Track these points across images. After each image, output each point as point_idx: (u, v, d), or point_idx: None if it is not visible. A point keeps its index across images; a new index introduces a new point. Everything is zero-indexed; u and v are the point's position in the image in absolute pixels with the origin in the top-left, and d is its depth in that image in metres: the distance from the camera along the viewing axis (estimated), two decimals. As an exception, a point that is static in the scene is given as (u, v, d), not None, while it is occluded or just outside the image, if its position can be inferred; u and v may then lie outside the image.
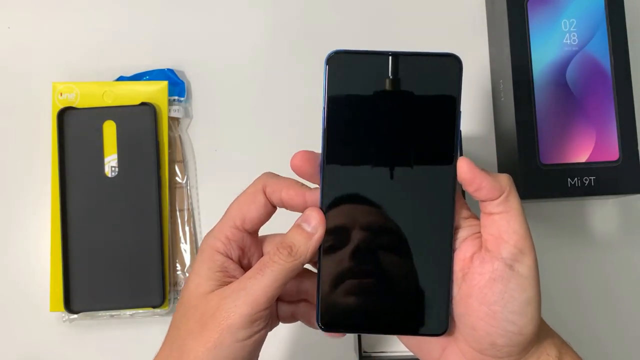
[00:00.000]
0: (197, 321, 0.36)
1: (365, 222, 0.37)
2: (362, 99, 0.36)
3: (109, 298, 0.56)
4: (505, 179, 0.36)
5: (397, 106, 0.36)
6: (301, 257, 0.36)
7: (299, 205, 0.37)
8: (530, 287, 0.35)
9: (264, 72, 0.61)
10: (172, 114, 0.58)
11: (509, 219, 0.35)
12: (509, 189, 0.36)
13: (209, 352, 0.35)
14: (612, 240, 0.59)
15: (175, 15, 0.61)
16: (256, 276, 0.36)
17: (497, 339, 0.35)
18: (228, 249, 0.38)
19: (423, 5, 0.61)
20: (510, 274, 0.35)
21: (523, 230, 0.35)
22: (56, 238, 0.56)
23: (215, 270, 0.37)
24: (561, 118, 0.53)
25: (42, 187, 0.58)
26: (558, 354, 0.38)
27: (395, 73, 0.36)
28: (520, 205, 0.36)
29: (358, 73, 0.36)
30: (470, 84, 0.60)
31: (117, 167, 0.57)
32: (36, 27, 0.61)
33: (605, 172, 0.52)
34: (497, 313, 0.35)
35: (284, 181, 0.38)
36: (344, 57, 0.36)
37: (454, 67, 0.36)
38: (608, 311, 0.58)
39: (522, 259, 0.35)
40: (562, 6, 0.54)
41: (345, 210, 0.37)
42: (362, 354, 0.54)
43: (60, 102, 0.58)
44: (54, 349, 0.57)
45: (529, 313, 0.35)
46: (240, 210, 0.38)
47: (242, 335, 0.35)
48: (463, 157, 0.36)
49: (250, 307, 0.35)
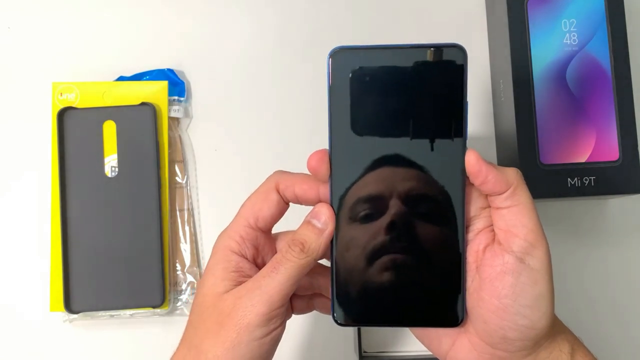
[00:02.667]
0: (214, 321, 0.36)
1: (375, 216, 0.36)
2: (366, 94, 0.36)
3: (109, 298, 0.56)
4: (513, 172, 0.36)
5: (403, 99, 0.36)
6: (313, 254, 0.36)
7: (313, 199, 0.37)
8: (542, 280, 0.35)
9: (264, 72, 0.61)
10: (172, 114, 0.58)
11: (517, 213, 0.35)
12: (517, 183, 0.35)
13: (227, 351, 0.36)
14: (612, 240, 0.59)
15: (176, 15, 0.61)
16: (270, 274, 0.36)
17: (509, 332, 0.35)
18: (242, 248, 0.38)
19: (423, 5, 0.61)
20: (521, 267, 0.35)
21: (532, 224, 0.35)
22: (56, 238, 0.56)
23: (231, 270, 0.37)
24: (561, 118, 0.53)
25: (42, 187, 0.58)
26: (570, 350, 0.37)
27: (399, 66, 0.35)
28: (529, 199, 0.35)
29: (361, 68, 0.35)
30: (470, 84, 0.60)
31: (117, 167, 0.57)
32: (36, 27, 0.61)
33: (605, 172, 0.52)
34: (508, 306, 0.35)
35: (297, 176, 0.38)
36: (347, 52, 0.36)
37: (459, 58, 0.35)
38: (608, 311, 0.58)
39: (533, 252, 0.35)
40: (562, 6, 0.54)
41: (355, 203, 0.36)
42: (362, 354, 0.54)
43: (60, 102, 0.58)
44: (54, 349, 0.57)
45: (542, 307, 0.35)
46: (253, 209, 0.38)
47: (260, 334, 0.36)
48: (471, 149, 0.36)
49: (266, 305, 0.36)
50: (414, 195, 0.36)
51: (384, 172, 0.36)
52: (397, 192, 0.36)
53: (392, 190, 0.36)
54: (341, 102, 0.36)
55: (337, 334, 0.57)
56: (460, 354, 0.38)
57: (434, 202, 0.36)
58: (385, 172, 0.36)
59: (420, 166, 0.36)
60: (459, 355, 0.38)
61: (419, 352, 0.54)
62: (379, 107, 0.36)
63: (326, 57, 0.36)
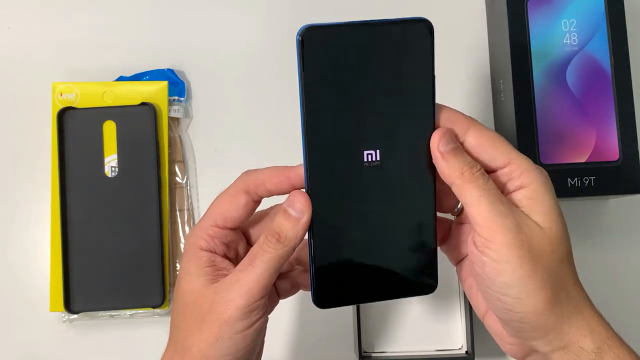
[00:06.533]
0: (195, 318, 0.37)
1: (350, 196, 0.37)
2: (338, 72, 0.35)
3: (109, 298, 0.56)
4: (457, 166, 0.35)
5: (373, 76, 0.35)
6: (290, 243, 0.36)
7: (287, 190, 0.38)
8: (506, 271, 0.35)
9: (264, 72, 0.61)
10: (172, 114, 0.59)
11: (468, 207, 0.35)
12: (461, 180, 0.35)
13: (211, 346, 0.36)
14: (612, 240, 0.59)
15: (176, 15, 0.61)
16: (248, 268, 0.36)
17: (499, 314, 0.37)
18: (211, 245, 0.38)
19: (423, 5, 0.61)
20: (483, 260, 0.35)
21: (482, 219, 0.35)
22: (56, 238, 0.56)
23: (204, 266, 0.38)
24: (561, 118, 0.53)
25: (42, 187, 0.58)
26: (597, 350, 0.36)
27: (367, 42, 0.35)
28: (479, 192, 0.35)
29: (332, 46, 0.35)
30: (471, 83, 0.61)
31: (117, 167, 0.57)
32: (36, 27, 0.61)
33: (605, 172, 0.52)
34: (485, 293, 0.37)
35: (266, 172, 0.38)
36: (317, 31, 0.35)
37: (425, 31, 0.35)
38: (608, 311, 0.57)
39: (490, 245, 0.35)
40: (562, 6, 0.54)
41: (330, 187, 0.37)
42: (362, 354, 0.54)
43: (60, 102, 0.58)
44: (54, 349, 0.57)
45: (514, 294, 0.35)
46: (221, 211, 0.38)
47: (242, 327, 0.36)
48: (439, 129, 0.36)
49: (244, 298, 0.36)
50: (386, 175, 0.36)
51: (356, 152, 0.36)
52: (370, 173, 0.36)
53: (365, 172, 0.36)
54: (313, 81, 0.35)
55: (337, 334, 0.57)
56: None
57: (406, 182, 0.37)
58: (358, 153, 0.36)
59: (392, 145, 0.36)
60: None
61: (419, 352, 0.54)
62: (350, 86, 0.36)
63: (295, 36, 0.35)
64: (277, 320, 0.57)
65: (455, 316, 0.55)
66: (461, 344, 0.55)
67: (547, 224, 0.36)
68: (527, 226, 0.35)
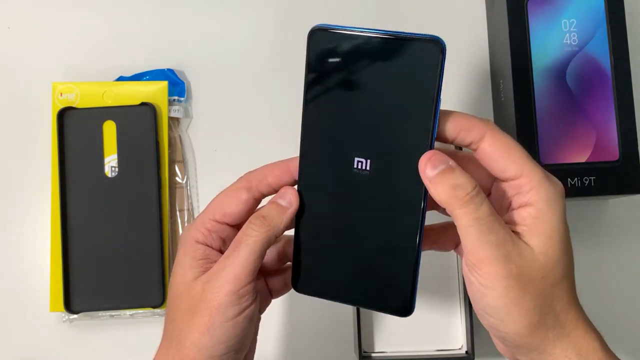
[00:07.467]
0: (187, 309, 0.37)
1: (336, 199, 0.37)
2: (341, 77, 0.36)
3: (109, 298, 0.56)
4: (445, 192, 0.34)
5: (377, 87, 0.35)
6: (274, 227, 0.37)
7: (288, 181, 0.39)
8: (491, 295, 0.34)
9: (264, 72, 0.61)
10: (172, 114, 0.59)
11: (459, 233, 0.35)
12: (453, 203, 0.34)
13: (203, 335, 0.36)
14: (612, 241, 0.59)
15: (176, 16, 0.61)
16: (233, 254, 0.37)
17: (484, 325, 0.37)
18: (208, 239, 0.39)
19: (423, 5, 0.61)
20: (470, 280, 0.35)
21: (470, 245, 0.34)
22: (56, 238, 0.56)
23: (198, 259, 0.38)
24: (561, 118, 0.53)
25: (42, 187, 0.58)
26: None
27: (375, 53, 0.35)
28: (469, 222, 0.34)
29: (339, 51, 0.35)
30: (471, 83, 0.60)
31: (117, 167, 0.57)
32: (36, 27, 0.61)
33: (605, 172, 0.52)
34: (475, 307, 0.36)
35: (267, 167, 0.39)
36: (327, 33, 0.36)
37: (436, 52, 0.34)
38: (608, 311, 0.57)
39: (476, 270, 0.35)
40: (562, 6, 0.54)
41: (319, 187, 0.37)
42: (362, 354, 0.54)
43: (60, 102, 0.58)
44: (53, 349, 0.57)
45: (497, 315, 0.35)
46: (221, 206, 0.39)
47: (232, 313, 0.36)
48: (430, 151, 0.35)
49: (232, 284, 0.36)
50: (377, 182, 0.37)
51: (351, 157, 0.36)
52: (363, 178, 0.37)
53: (357, 176, 0.37)
54: (316, 80, 0.36)
55: (337, 334, 0.57)
56: None
57: (396, 193, 0.37)
58: (353, 158, 0.36)
59: (384, 157, 0.36)
60: None
61: (419, 352, 0.54)
62: (351, 92, 0.36)
63: (307, 35, 0.36)
64: (277, 320, 0.58)
65: (455, 316, 0.55)
66: (461, 344, 0.55)
67: (544, 248, 0.35)
68: (519, 254, 0.34)
